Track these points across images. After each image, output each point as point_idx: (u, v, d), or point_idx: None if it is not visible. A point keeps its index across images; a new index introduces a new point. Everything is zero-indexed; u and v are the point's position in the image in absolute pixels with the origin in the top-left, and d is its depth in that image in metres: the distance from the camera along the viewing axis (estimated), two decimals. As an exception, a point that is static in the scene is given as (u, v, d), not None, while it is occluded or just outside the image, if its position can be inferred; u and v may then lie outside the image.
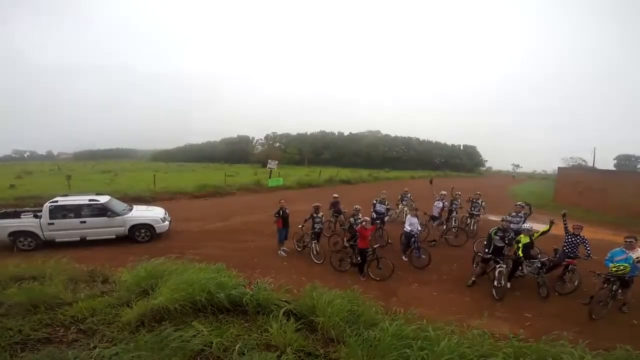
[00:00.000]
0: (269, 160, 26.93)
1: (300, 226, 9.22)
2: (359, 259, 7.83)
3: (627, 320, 6.00)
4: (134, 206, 11.42)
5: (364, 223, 7.90)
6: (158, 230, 10.37)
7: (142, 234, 10.19)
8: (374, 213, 10.62)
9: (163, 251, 7.88)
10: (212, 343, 3.91)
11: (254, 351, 3.78)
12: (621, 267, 5.94)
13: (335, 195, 11.93)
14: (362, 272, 7.77)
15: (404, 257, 8.86)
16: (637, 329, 5.70)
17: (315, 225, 8.94)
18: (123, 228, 10.02)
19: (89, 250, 9.16)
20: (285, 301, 4.98)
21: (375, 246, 7.95)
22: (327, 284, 5.98)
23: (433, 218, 10.85)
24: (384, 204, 10.75)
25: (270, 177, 25.79)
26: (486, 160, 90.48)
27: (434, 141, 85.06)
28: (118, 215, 10.00)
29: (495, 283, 6.86)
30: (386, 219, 10.86)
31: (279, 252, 9.25)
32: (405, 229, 8.89)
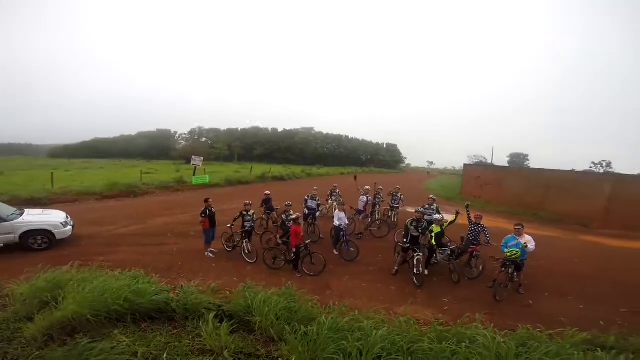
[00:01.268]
0: (193, 157, 25.26)
1: (229, 225, 8.85)
2: (292, 255, 7.84)
3: (524, 301, 6.81)
4: (26, 210, 9.64)
5: (298, 220, 7.93)
6: (58, 237, 8.92)
7: (38, 241, 8.67)
8: (305, 209, 10.76)
9: (67, 259, 6.84)
10: (137, 353, 3.62)
11: (187, 357, 3.60)
12: (514, 252, 6.78)
13: (267, 192, 11.76)
14: (297, 269, 7.80)
15: (335, 251, 9.13)
16: (533, 308, 6.47)
17: (246, 224, 8.70)
18: (12, 235, 8.42)
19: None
20: (217, 304, 4.79)
21: (307, 242, 8.05)
22: (261, 283, 5.86)
23: (359, 212, 11.41)
24: (315, 200, 10.98)
25: (194, 175, 24.17)
26: (405, 158, 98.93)
27: (361, 139, 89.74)
28: (4, 220, 8.37)
29: (415, 271, 7.45)
30: (317, 214, 11.10)
31: (206, 253, 8.79)
32: (334, 224, 9.18)
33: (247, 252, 8.58)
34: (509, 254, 6.87)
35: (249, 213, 8.76)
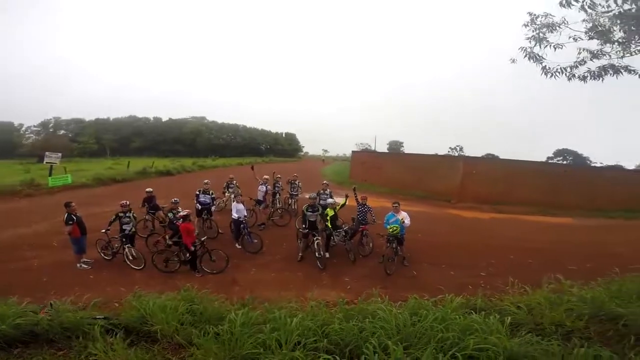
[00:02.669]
0: (47, 153, 20.52)
1: (103, 231, 7.68)
2: (188, 255, 7.32)
3: (409, 272, 7.65)
4: None
5: (187, 217, 7.40)
6: None
7: None
8: (198, 204, 10.01)
9: None
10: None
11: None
12: (394, 228, 7.64)
13: (148, 189, 10.53)
14: (196, 269, 7.34)
15: (237, 245, 8.90)
16: (417, 279, 7.29)
17: (125, 227, 7.73)
18: None
19: None
20: (105, 317, 4.26)
21: (203, 239, 7.63)
22: (155, 289, 5.35)
23: (258, 202, 11.28)
24: (209, 194, 10.31)
25: (51, 175, 19.58)
26: (303, 146, 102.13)
27: (260, 128, 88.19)
28: None
29: (316, 254, 7.83)
30: (213, 208, 10.49)
31: (79, 265, 7.50)
32: (233, 217, 8.90)
33: (131, 258, 7.66)
34: (390, 230, 7.68)
35: (127, 214, 7.81)
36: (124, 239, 7.72)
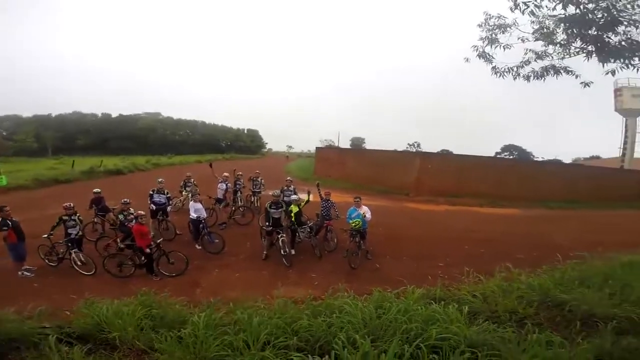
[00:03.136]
0: (-24, 151, 18.19)
1: (45, 236, 7.09)
2: (143, 258, 6.98)
3: (372, 265, 7.83)
4: None
5: (140, 218, 7.06)
6: None
7: None
8: (152, 205, 9.45)
9: None
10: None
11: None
12: (357, 222, 7.75)
13: (96, 190, 9.85)
14: (153, 272, 7.02)
15: (197, 246, 8.58)
16: (381, 272, 7.45)
17: (70, 231, 7.24)
18: None
19: None
20: (57, 326, 3.97)
21: (159, 241, 7.34)
22: (109, 295, 5.03)
23: (218, 201, 10.93)
24: (163, 194, 9.76)
25: (-19, 176, 17.41)
26: (267, 143, 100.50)
27: (220, 124, 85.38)
28: None
29: (282, 252, 7.74)
30: (169, 209, 9.95)
31: (20, 273, 6.93)
32: (191, 217, 8.59)
33: (79, 263, 7.21)
34: (353, 224, 7.79)
35: (72, 217, 7.33)
36: (69, 244, 7.24)
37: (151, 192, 9.69)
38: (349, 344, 3.30)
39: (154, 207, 9.44)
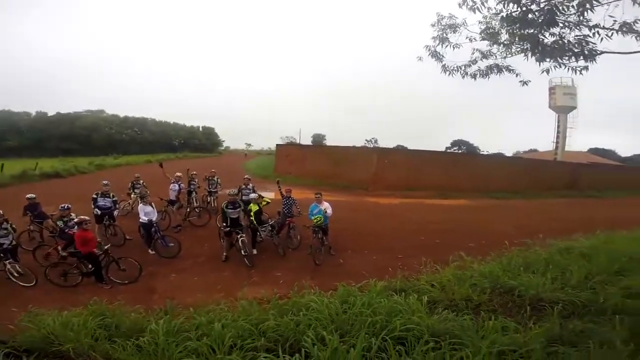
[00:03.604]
0: None
1: None
2: (90, 266, 6.54)
3: (336, 260, 7.90)
4: None
5: (83, 224, 6.55)
6: None
7: None
8: (97, 209, 8.69)
9: None
10: None
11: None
12: (318, 218, 7.79)
13: (30, 195, 8.82)
14: (102, 280, 6.57)
15: (150, 251, 8.10)
16: (344, 267, 7.51)
17: (2, 240, 6.67)
18: None
19: None
20: (1, 342, 3.71)
21: (106, 247, 6.87)
22: (54, 306, 4.67)
23: (171, 202, 10.36)
24: (109, 197, 9.01)
25: None
26: (224, 140, 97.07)
27: (172, 122, 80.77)
28: None
29: (243, 252, 7.53)
30: (116, 213, 9.21)
31: None
32: (141, 220, 8.08)
33: (16, 275, 6.63)
34: (315, 220, 7.84)
35: (3, 226, 6.76)
36: (2, 255, 6.61)
37: (95, 196, 8.90)
38: (318, 340, 3.31)
39: (99, 212, 8.71)
